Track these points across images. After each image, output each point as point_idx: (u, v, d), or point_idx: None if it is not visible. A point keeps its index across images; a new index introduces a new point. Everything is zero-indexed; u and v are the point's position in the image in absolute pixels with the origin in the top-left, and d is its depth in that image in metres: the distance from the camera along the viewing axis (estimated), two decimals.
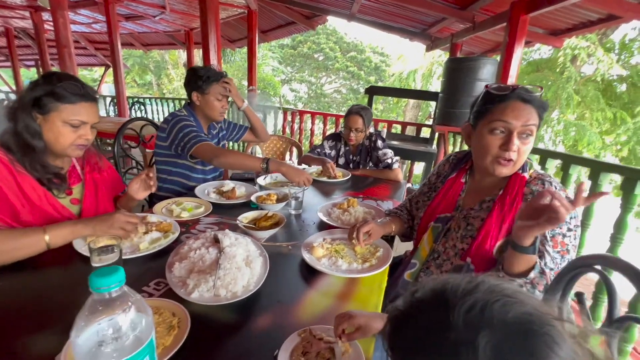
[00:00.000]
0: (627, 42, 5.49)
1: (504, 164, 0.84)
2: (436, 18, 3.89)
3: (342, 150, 2.15)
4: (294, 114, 4.72)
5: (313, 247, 0.96)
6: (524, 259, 0.71)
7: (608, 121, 5.18)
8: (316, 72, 17.46)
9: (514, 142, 0.81)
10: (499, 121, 0.82)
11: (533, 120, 0.82)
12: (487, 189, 0.95)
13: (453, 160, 1.10)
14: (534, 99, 0.82)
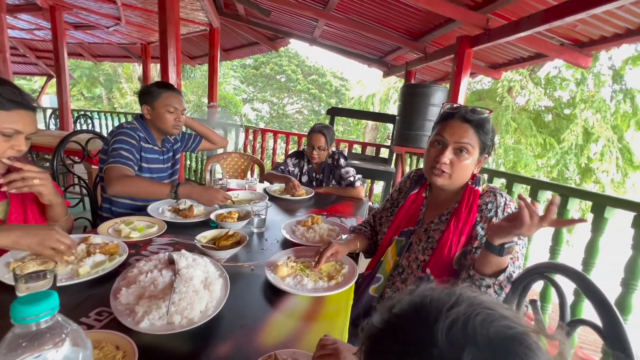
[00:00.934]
0: (551, 78, 6.35)
1: (437, 173, 0.92)
2: (392, 47, 4.17)
3: (306, 168, 2.15)
4: (255, 132, 4.68)
5: (277, 266, 0.92)
6: (494, 260, 0.74)
7: (539, 146, 5.84)
8: (278, 92, 17.66)
9: (445, 154, 0.89)
10: (438, 135, 0.92)
11: (468, 138, 0.89)
12: (444, 202, 0.99)
13: (414, 177, 1.15)
14: (473, 120, 0.89)
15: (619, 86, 5.46)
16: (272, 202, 1.71)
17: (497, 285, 0.76)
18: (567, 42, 2.60)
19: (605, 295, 0.46)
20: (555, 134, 6.00)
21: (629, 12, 2.04)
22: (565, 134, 5.42)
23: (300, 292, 0.84)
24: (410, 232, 1.01)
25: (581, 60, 2.62)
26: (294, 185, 1.80)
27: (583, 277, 0.54)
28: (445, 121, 0.93)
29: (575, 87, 6.00)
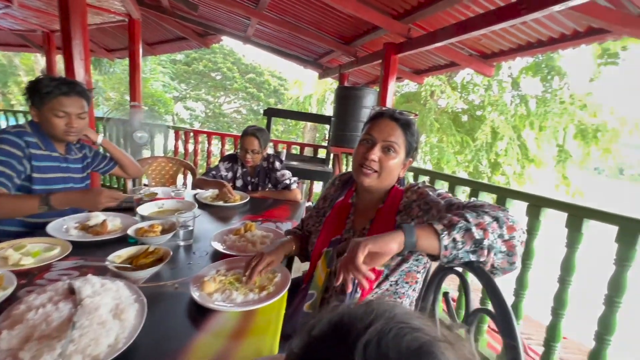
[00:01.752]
0: (465, 83, 7.19)
1: (365, 172, 0.91)
2: (326, 50, 4.26)
3: (240, 172, 2.07)
4: (187, 134, 4.37)
5: (203, 282, 0.86)
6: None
7: (458, 144, 6.56)
8: (214, 91, 16.81)
9: (374, 151, 0.89)
10: (366, 134, 0.93)
11: (395, 137, 0.90)
12: (372, 206, 0.98)
13: (338, 184, 1.12)
14: (400, 119, 0.91)
15: (516, 92, 6.43)
16: (204, 211, 1.62)
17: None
18: (475, 53, 2.95)
19: (497, 286, 0.53)
20: (470, 133, 6.79)
21: (519, 31, 2.39)
22: (478, 133, 6.19)
23: (228, 308, 0.80)
24: (338, 242, 0.98)
25: (486, 69, 3.00)
26: (227, 191, 1.73)
27: (481, 272, 0.61)
28: (374, 120, 0.94)
29: (484, 92, 6.88)
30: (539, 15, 1.77)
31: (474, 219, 0.67)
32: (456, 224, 0.66)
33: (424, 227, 0.69)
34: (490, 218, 0.67)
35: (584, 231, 1.36)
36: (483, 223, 0.66)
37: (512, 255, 0.68)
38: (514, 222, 0.69)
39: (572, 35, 2.23)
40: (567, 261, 1.40)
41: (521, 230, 0.69)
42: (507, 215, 0.69)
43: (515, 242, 0.68)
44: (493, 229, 0.67)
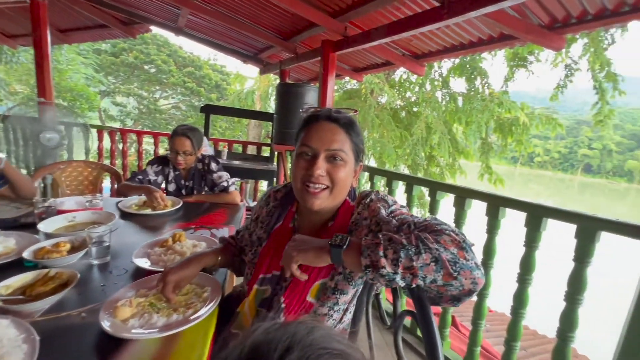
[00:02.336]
0: (402, 81, 7.62)
1: (313, 192, 0.74)
2: (265, 45, 4.15)
3: (172, 176, 1.91)
4: (113, 134, 3.93)
5: (116, 308, 0.76)
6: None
7: (398, 139, 6.94)
8: (147, 85, 15.44)
9: (318, 163, 0.74)
10: (303, 146, 0.76)
11: (339, 142, 0.75)
12: (320, 227, 0.83)
13: (274, 203, 0.91)
14: (339, 118, 0.77)
15: (446, 90, 7.01)
16: (128, 221, 1.45)
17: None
18: (407, 53, 3.11)
19: (416, 290, 0.55)
20: (408, 128, 7.22)
21: (445, 34, 2.57)
22: (414, 128, 6.61)
23: (146, 335, 0.71)
24: (275, 279, 0.82)
25: (418, 69, 3.18)
26: (157, 197, 1.57)
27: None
28: (309, 126, 0.77)
29: (418, 90, 7.36)
30: (460, 20, 1.91)
31: (409, 251, 0.57)
32: (380, 269, 0.57)
33: (353, 247, 0.63)
34: (431, 257, 0.57)
35: (542, 230, 1.42)
36: (417, 259, 0.57)
37: (445, 299, 0.61)
38: (460, 269, 0.56)
39: (488, 40, 2.47)
40: (526, 260, 1.46)
41: (469, 280, 0.57)
42: (456, 259, 0.57)
43: (452, 290, 0.58)
44: (427, 271, 0.57)
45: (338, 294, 0.76)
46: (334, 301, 0.76)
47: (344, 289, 0.76)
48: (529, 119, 6.24)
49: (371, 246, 0.60)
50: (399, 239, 0.59)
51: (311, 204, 0.75)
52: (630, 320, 1.13)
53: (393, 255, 0.57)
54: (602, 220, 1.23)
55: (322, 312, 0.77)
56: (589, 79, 6.17)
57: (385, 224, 0.71)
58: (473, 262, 0.57)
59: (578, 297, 1.30)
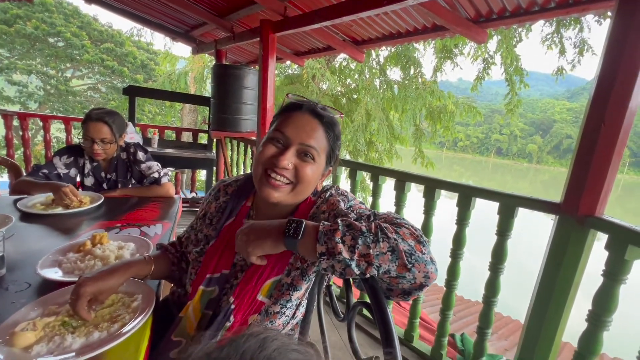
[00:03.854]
0: (342, 68, 7.71)
1: (274, 183, 0.69)
2: (198, 21, 3.79)
3: (88, 167, 1.65)
4: (8, 118, 3.26)
5: (14, 334, 0.61)
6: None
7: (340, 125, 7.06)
8: (55, 61, 13.19)
9: (286, 155, 0.68)
10: (277, 132, 0.70)
11: (316, 140, 0.70)
12: None
13: (224, 198, 0.84)
14: (323, 116, 0.72)
15: (384, 78, 7.30)
16: (31, 224, 1.21)
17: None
18: (347, 39, 3.11)
19: (370, 280, 0.53)
20: (349, 114, 7.38)
21: (384, 22, 2.62)
22: (355, 115, 6.78)
23: None
24: (224, 278, 0.75)
25: (357, 55, 3.22)
26: (67, 192, 1.33)
27: None
28: (289, 113, 0.72)
29: (358, 77, 7.54)
30: (397, 8, 1.95)
31: (367, 239, 0.56)
32: (336, 255, 0.55)
33: (309, 233, 0.59)
34: (388, 247, 0.55)
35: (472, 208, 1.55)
36: (374, 247, 0.55)
37: (396, 292, 0.60)
38: (415, 261, 0.55)
39: (422, 30, 2.58)
40: (458, 236, 1.58)
41: (422, 274, 0.55)
42: (413, 251, 0.56)
43: (404, 283, 0.57)
44: (382, 260, 0.55)
45: (292, 290, 0.72)
46: (286, 298, 0.72)
47: (298, 284, 0.72)
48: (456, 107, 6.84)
49: (328, 232, 0.57)
50: (358, 226, 0.57)
51: (267, 195, 0.70)
52: (539, 284, 1.31)
53: (351, 242, 0.55)
54: (520, 198, 1.39)
55: (273, 310, 0.73)
56: (502, 73, 6.98)
57: (343, 216, 0.67)
58: (428, 256, 0.57)
59: (500, 267, 1.47)
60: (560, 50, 6.94)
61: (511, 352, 2.37)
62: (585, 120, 1.16)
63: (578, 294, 1.26)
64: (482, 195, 1.51)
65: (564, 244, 1.22)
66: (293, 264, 0.73)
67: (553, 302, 1.26)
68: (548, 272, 1.27)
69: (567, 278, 1.23)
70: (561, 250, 1.23)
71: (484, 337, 1.54)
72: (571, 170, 1.21)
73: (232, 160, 3.82)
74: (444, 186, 1.65)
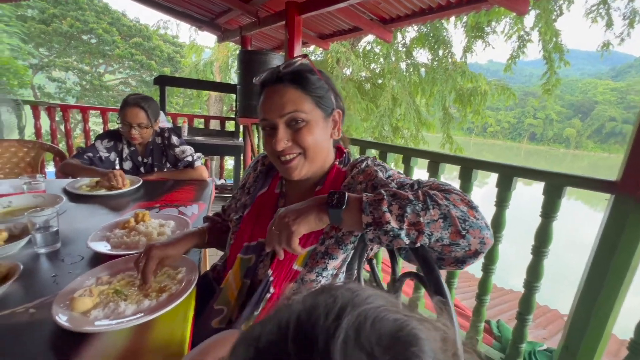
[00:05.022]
0: (367, 52, 7.49)
1: (289, 164, 0.71)
2: (223, 8, 3.80)
3: (127, 152, 1.71)
4: (51, 110, 3.46)
5: (74, 299, 0.64)
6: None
7: (364, 111, 6.92)
8: (89, 57, 13.82)
9: (279, 135, 0.69)
10: (262, 120, 0.72)
11: (292, 103, 0.68)
12: (307, 192, 0.78)
13: (261, 169, 0.88)
14: (284, 74, 0.69)
15: (410, 60, 7.02)
16: (79, 204, 1.28)
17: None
18: (375, 18, 3.00)
19: (421, 250, 0.51)
20: (373, 100, 7.20)
21: None
22: (380, 100, 6.61)
23: (114, 327, 0.61)
24: (260, 246, 0.77)
25: (386, 35, 3.10)
26: (116, 175, 1.39)
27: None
28: (261, 95, 0.73)
29: (383, 61, 7.30)
30: None
31: (415, 207, 0.53)
32: (384, 225, 0.52)
33: (353, 204, 0.57)
34: (439, 214, 0.53)
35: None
36: (424, 214, 0.52)
37: (448, 261, 0.57)
38: (469, 227, 0.52)
39: (455, 3, 2.43)
40: (497, 219, 1.49)
41: (478, 240, 0.53)
42: (466, 216, 0.53)
43: (458, 250, 0.55)
44: (434, 228, 0.52)
45: (327, 258, 0.72)
46: (322, 266, 0.72)
47: (333, 253, 0.72)
48: (488, 88, 6.48)
49: (373, 202, 0.55)
50: (404, 194, 0.55)
51: (289, 175, 0.72)
52: (590, 269, 1.22)
53: (398, 211, 0.53)
54: (568, 176, 1.29)
55: (309, 279, 0.73)
56: (540, 50, 6.50)
57: (383, 186, 0.65)
58: (483, 221, 0.53)
59: (544, 250, 1.39)
60: (607, 23, 6.36)
61: (550, 341, 2.27)
62: None
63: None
64: (525, 174, 1.42)
65: (620, 226, 1.13)
66: (328, 232, 0.72)
67: (605, 289, 1.18)
68: (600, 257, 1.18)
69: (622, 262, 1.13)
70: (617, 232, 1.14)
71: (525, 323, 1.47)
72: (631, 146, 1.10)
73: (258, 148, 3.86)
74: (482, 166, 1.57)
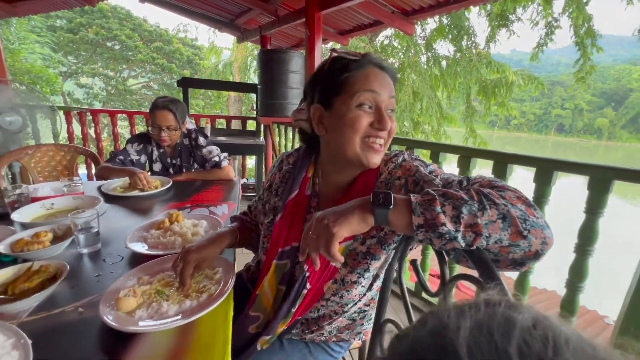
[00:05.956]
0: (385, 46, 7.37)
1: (377, 148, 0.66)
2: (242, 8, 3.83)
3: (156, 154, 1.76)
4: (82, 115, 3.62)
5: (119, 299, 0.66)
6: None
7: None
8: (113, 63, 14.38)
9: (387, 118, 0.64)
10: (367, 91, 0.63)
11: (393, 91, 0.68)
12: (341, 190, 0.74)
13: (287, 168, 0.83)
14: (388, 67, 0.68)
15: (431, 53, 6.84)
16: (113, 205, 1.32)
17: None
18: (396, 10, 2.93)
19: (476, 252, 0.48)
20: None
21: None
22: (400, 95, 6.47)
23: (159, 327, 0.62)
24: (294, 251, 0.74)
25: (407, 27, 3.02)
26: (141, 178, 1.43)
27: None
28: (361, 70, 0.64)
29: (402, 55, 7.15)
30: None
31: (471, 207, 0.49)
32: (438, 227, 0.48)
33: (401, 205, 0.52)
34: (497, 214, 0.48)
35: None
36: (481, 215, 0.48)
37: (505, 264, 0.53)
38: (530, 227, 0.48)
39: None
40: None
41: (540, 240, 0.48)
42: (526, 216, 0.49)
43: (517, 252, 0.50)
44: (492, 230, 0.48)
45: (370, 259, 0.69)
46: (364, 267, 0.70)
47: (376, 253, 0.69)
48: (515, 78, 6.21)
49: (424, 203, 0.50)
50: (456, 194, 0.50)
51: (374, 161, 0.67)
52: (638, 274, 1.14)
53: (453, 212, 0.48)
54: (616, 169, 1.20)
55: (350, 280, 0.71)
56: (571, 36, 6.15)
57: (427, 182, 0.61)
58: (543, 220, 0.49)
59: (589, 249, 1.30)
60: None
61: None
62: None
63: None
64: (566, 168, 1.33)
65: None
66: (368, 231, 0.66)
67: None
68: None
69: None
70: None
71: None
72: None
73: (280, 146, 3.88)
74: (517, 160, 1.49)
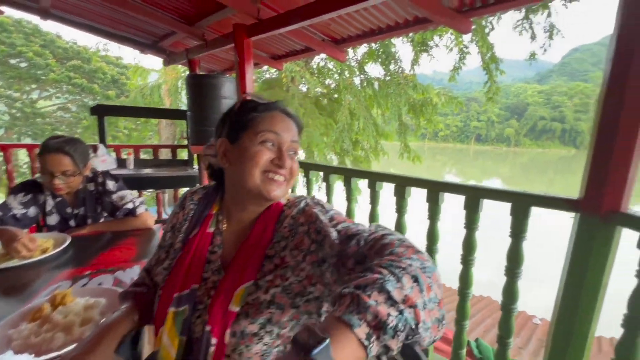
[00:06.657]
0: (321, 68, 7.58)
1: (277, 181, 0.68)
2: (166, 31, 3.57)
3: (51, 204, 1.44)
4: None
5: None
6: None
7: (323, 126, 6.92)
8: (18, 83, 12.52)
9: (286, 157, 0.69)
10: (271, 132, 0.68)
11: (297, 137, 0.73)
12: (247, 226, 0.73)
13: (190, 204, 0.80)
14: (295, 116, 0.75)
15: (363, 75, 7.21)
16: None
17: None
18: (327, 38, 2.98)
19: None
20: (332, 115, 7.25)
21: (364, 18, 2.50)
22: (338, 115, 6.66)
23: None
24: (193, 294, 0.66)
25: (338, 54, 3.09)
26: (22, 244, 1.13)
27: None
28: (268, 112, 0.70)
29: (337, 77, 7.42)
30: (377, 2, 1.83)
31: (390, 281, 0.42)
32: (386, 321, 0.38)
33: (341, 337, 0.38)
34: (409, 279, 0.43)
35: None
36: (403, 286, 0.42)
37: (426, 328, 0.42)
38: (430, 271, 0.46)
39: (403, 24, 2.48)
40: (468, 240, 1.47)
41: (435, 280, 0.46)
42: (424, 264, 0.47)
43: (437, 306, 0.44)
44: (415, 295, 0.42)
45: (274, 308, 0.62)
46: (267, 317, 0.61)
47: (281, 302, 0.63)
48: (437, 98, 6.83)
49: (351, 305, 0.40)
50: (370, 278, 0.42)
51: (274, 194, 0.69)
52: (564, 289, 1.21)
53: (381, 296, 0.40)
54: (533, 197, 1.28)
55: (250, 332, 0.60)
56: (479, 61, 7.03)
57: (327, 235, 0.63)
58: (426, 256, 0.50)
59: (517, 271, 1.36)
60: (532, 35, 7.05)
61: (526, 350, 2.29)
62: (602, 105, 1.05)
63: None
64: (491, 196, 1.40)
65: (588, 245, 1.12)
66: (266, 271, 0.65)
67: (581, 308, 1.16)
68: (574, 277, 1.17)
69: (595, 282, 1.12)
70: (585, 251, 1.13)
71: (506, 347, 1.42)
72: (590, 163, 1.11)
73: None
74: (448, 189, 1.54)
